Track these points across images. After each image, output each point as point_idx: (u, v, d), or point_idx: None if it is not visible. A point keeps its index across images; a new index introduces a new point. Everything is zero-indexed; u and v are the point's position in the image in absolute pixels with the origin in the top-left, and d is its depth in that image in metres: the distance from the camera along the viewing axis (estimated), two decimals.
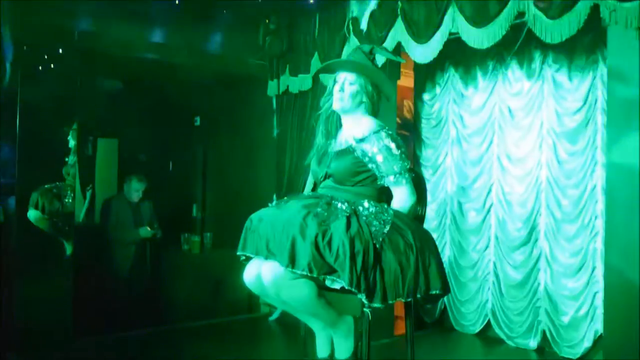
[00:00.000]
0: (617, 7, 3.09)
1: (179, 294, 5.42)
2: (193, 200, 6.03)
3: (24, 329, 4.23)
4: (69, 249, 4.74)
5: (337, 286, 2.40)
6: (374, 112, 2.77)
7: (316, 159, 2.81)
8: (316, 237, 2.34)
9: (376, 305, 2.37)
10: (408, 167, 2.65)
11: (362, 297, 2.34)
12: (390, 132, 2.66)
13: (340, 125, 2.81)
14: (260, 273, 2.49)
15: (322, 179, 2.74)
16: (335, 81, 2.75)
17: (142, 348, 4.48)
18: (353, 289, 2.32)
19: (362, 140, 2.64)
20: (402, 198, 2.65)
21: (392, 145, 2.61)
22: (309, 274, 2.33)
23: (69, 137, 4.83)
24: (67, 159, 4.74)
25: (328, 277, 2.36)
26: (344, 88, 2.70)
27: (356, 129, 2.69)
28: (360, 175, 2.66)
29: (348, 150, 2.66)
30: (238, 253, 2.61)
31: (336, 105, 2.72)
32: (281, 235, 2.40)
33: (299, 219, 2.39)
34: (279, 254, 2.38)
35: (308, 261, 2.31)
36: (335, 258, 2.33)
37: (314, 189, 2.94)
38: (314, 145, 2.87)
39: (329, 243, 2.35)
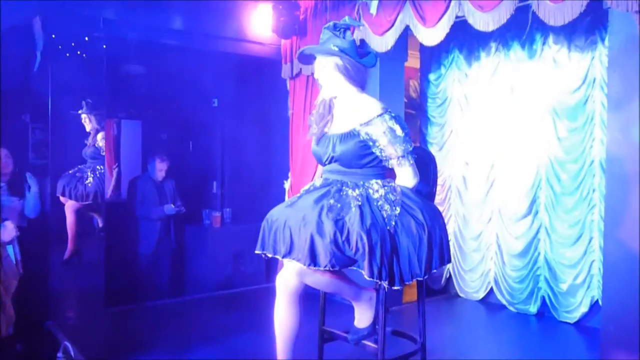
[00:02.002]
0: None
1: (201, 265, 5.48)
2: (213, 177, 6.04)
3: (61, 298, 4.31)
4: (99, 222, 4.78)
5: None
6: (361, 84, 2.61)
7: (315, 140, 2.67)
8: (335, 234, 2.31)
9: (397, 287, 2.38)
10: (411, 149, 2.54)
11: (384, 284, 2.34)
12: (393, 115, 2.53)
13: (331, 108, 2.67)
14: (285, 264, 2.49)
15: (326, 161, 2.60)
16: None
17: (167, 316, 4.54)
18: (375, 279, 2.32)
19: (366, 124, 2.49)
20: (405, 179, 2.56)
21: (396, 128, 2.49)
22: (331, 269, 2.32)
23: (90, 120, 4.82)
24: (85, 141, 4.75)
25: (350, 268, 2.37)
26: (319, 74, 2.60)
27: (359, 112, 2.54)
28: (367, 158, 2.53)
29: (352, 134, 2.51)
30: (256, 251, 2.57)
31: (324, 94, 2.62)
32: (299, 235, 2.36)
33: (315, 217, 2.35)
34: (298, 253, 2.36)
35: (330, 258, 2.30)
36: (355, 251, 2.33)
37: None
38: (312, 126, 2.72)
39: (347, 238, 2.33)
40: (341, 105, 2.62)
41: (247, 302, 4.95)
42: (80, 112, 4.70)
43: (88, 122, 4.77)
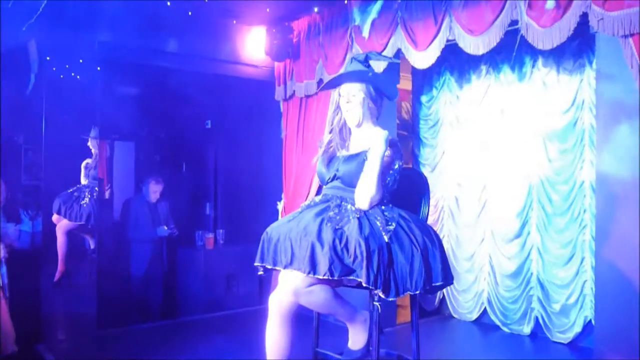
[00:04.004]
0: (605, 16, 3.10)
1: (193, 287, 5.45)
2: (206, 199, 6.03)
3: (51, 320, 4.29)
4: (91, 244, 4.78)
5: (353, 283, 2.42)
6: (377, 115, 2.72)
7: (323, 162, 2.72)
8: (334, 241, 2.35)
9: (391, 298, 2.39)
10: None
11: (379, 292, 2.36)
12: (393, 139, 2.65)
13: (350, 134, 2.75)
14: (279, 284, 2.49)
15: (329, 181, 2.69)
16: (340, 95, 2.69)
17: (159, 338, 4.50)
18: (371, 286, 2.34)
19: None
20: None
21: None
22: (330, 278, 2.33)
23: (89, 141, 4.87)
24: (88, 162, 4.78)
25: (347, 277, 2.37)
26: (350, 100, 2.66)
27: (366, 140, 2.62)
28: None
29: (358, 156, 2.61)
30: (256, 264, 2.58)
31: (352, 122, 2.67)
32: (299, 245, 2.39)
33: (315, 227, 2.40)
34: (299, 262, 2.38)
35: (329, 266, 2.32)
36: (354, 259, 2.35)
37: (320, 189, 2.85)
38: (323, 148, 2.78)
39: (346, 246, 2.36)
40: (356, 132, 2.72)
41: (240, 324, 4.91)
42: (89, 136, 4.82)
43: (94, 146, 4.85)
